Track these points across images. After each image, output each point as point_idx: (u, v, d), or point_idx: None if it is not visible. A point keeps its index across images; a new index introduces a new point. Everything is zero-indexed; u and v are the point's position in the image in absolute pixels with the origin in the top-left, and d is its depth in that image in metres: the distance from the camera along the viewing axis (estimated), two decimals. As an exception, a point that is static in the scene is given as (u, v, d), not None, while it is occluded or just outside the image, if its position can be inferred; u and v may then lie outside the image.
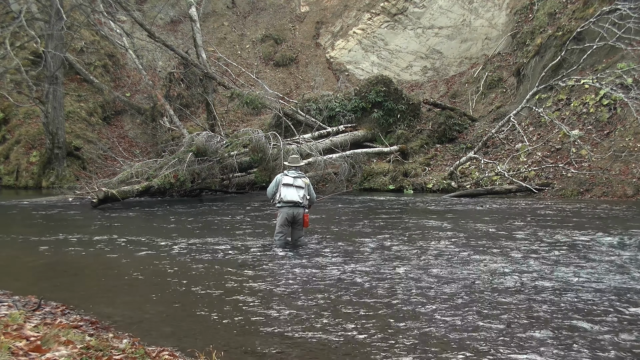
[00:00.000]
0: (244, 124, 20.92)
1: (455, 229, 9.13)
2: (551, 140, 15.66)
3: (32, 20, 17.58)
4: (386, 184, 16.54)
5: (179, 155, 14.19)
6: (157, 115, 19.96)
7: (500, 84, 20.67)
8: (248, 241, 8.28)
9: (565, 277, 5.93)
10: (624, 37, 15.23)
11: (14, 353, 3.09)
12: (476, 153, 16.30)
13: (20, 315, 4.12)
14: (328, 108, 18.50)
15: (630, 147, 13.89)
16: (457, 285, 5.65)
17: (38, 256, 7.52)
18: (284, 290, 5.60)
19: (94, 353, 3.33)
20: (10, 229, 9.76)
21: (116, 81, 22.57)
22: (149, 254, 7.46)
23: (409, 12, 23.78)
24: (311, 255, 7.24)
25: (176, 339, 4.19)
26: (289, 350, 4.00)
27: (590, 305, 4.93)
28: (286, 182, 7.87)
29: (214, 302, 5.21)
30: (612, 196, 13.07)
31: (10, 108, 19.62)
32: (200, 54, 18.93)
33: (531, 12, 21.40)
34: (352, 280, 5.90)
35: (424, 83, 23.06)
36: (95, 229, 9.96)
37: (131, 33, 19.27)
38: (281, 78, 24.43)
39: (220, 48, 24.62)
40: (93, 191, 13.04)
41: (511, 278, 5.88)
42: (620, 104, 14.70)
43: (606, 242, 7.81)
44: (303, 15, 27.05)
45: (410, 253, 7.25)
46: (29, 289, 5.52)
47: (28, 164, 18.89)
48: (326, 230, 9.26)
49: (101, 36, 21.72)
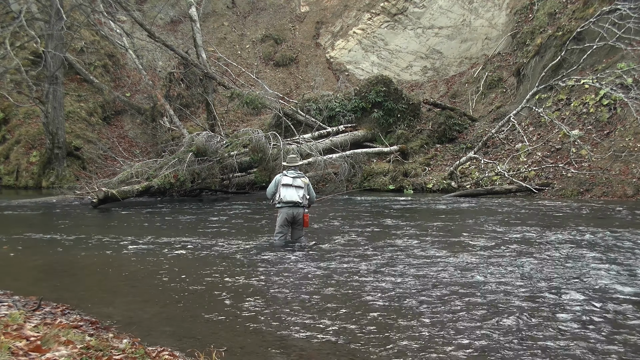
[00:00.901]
0: (244, 124, 20.92)
1: (455, 229, 9.13)
2: (551, 140, 15.66)
3: (32, 20, 17.58)
4: (386, 184, 16.53)
5: (179, 155, 14.20)
6: (157, 115, 19.96)
7: (500, 84, 20.66)
8: (248, 241, 8.29)
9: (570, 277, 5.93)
10: (624, 37, 15.23)
11: (14, 353, 3.09)
12: (476, 153, 16.29)
13: (20, 315, 4.12)
14: (328, 108, 18.49)
15: (630, 147, 13.88)
16: (457, 285, 5.65)
17: (38, 256, 7.52)
18: (284, 290, 5.60)
19: (94, 353, 3.33)
20: (10, 229, 9.76)
21: (116, 81, 22.58)
22: (149, 253, 7.46)
23: (409, 12, 23.78)
24: (311, 256, 7.24)
25: (176, 339, 4.19)
26: (289, 350, 4.00)
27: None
28: (285, 183, 7.87)
29: (214, 302, 5.21)
30: (612, 196, 13.07)
31: (10, 108, 19.63)
32: (200, 54, 18.93)
33: (531, 12, 21.40)
34: (353, 280, 5.90)
35: (424, 83, 23.05)
36: (95, 229, 9.97)
37: (131, 33, 19.28)
38: (281, 78, 24.43)
39: (220, 48, 24.62)
40: (93, 191, 13.05)
41: (515, 278, 5.89)
42: (620, 104, 14.70)
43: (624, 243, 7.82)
44: (303, 15, 27.05)
45: (411, 253, 7.25)
46: (29, 289, 5.52)
47: (28, 164, 18.90)
48: (326, 231, 9.26)
49: (101, 36, 21.73)
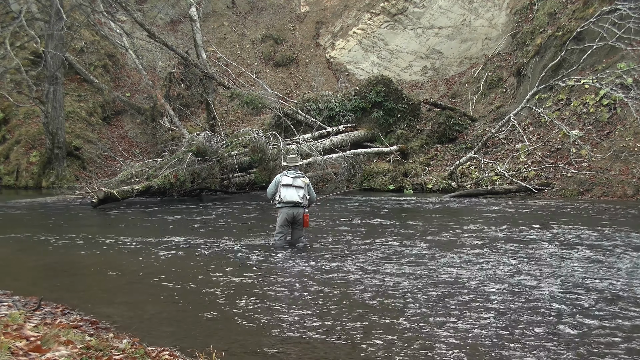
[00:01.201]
0: (244, 124, 20.91)
1: (454, 229, 9.13)
2: (551, 140, 15.66)
3: (32, 20, 17.58)
4: (386, 184, 16.53)
5: (179, 155, 14.20)
6: (157, 115, 19.96)
7: (500, 84, 20.65)
8: (248, 241, 8.29)
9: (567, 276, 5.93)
10: (624, 37, 15.23)
11: (14, 353, 3.09)
12: (476, 153, 16.29)
13: (20, 315, 4.12)
14: (328, 108, 18.49)
15: (630, 147, 13.88)
16: (451, 284, 5.65)
17: (38, 256, 7.52)
18: (284, 290, 5.60)
19: (94, 353, 3.33)
20: (10, 229, 9.75)
21: (116, 81, 22.57)
22: (149, 254, 7.46)
23: (409, 12, 23.78)
24: (311, 256, 7.24)
25: (176, 339, 4.19)
26: (289, 350, 4.00)
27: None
28: (286, 183, 7.86)
29: (214, 302, 5.21)
30: (612, 196, 13.07)
31: (10, 108, 19.63)
32: (200, 54, 18.93)
33: (531, 12, 21.39)
34: (352, 280, 5.89)
35: (424, 83, 23.05)
36: (95, 229, 9.97)
37: (131, 33, 19.28)
38: (281, 78, 24.42)
39: (220, 48, 24.61)
40: (93, 191, 13.05)
41: (519, 280, 5.89)
42: (620, 104, 14.70)
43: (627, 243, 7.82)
44: (303, 15, 27.04)
45: (411, 253, 7.25)
46: (29, 289, 5.52)
47: (28, 164, 18.89)
48: (326, 231, 9.26)
49: (101, 36, 21.72)
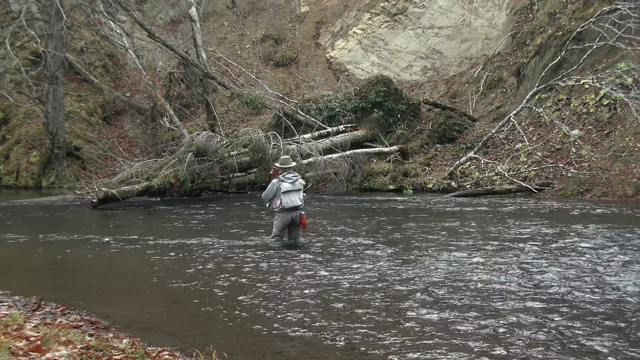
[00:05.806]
0: (244, 124, 20.91)
1: (453, 229, 9.12)
2: (551, 140, 15.65)
3: (32, 20, 17.60)
4: (386, 184, 16.52)
5: (179, 155, 14.20)
6: (157, 115, 19.96)
7: (500, 84, 20.64)
8: (247, 241, 8.29)
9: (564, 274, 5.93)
10: (624, 37, 15.21)
11: (14, 353, 3.09)
12: (476, 153, 16.28)
13: (20, 315, 4.13)
14: (328, 108, 18.48)
15: (630, 147, 13.88)
16: (459, 285, 5.65)
17: (38, 256, 7.53)
18: (284, 291, 5.60)
19: (94, 353, 3.33)
20: (10, 229, 9.76)
21: (116, 81, 22.57)
22: (149, 253, 7.46)
23: (409, 12, 23.77)
24: (310, 256, 7.24)
25: (176, 339, 4.19)
26: (289, 350, 4.00)
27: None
28: (286, 190, 7.77)
29: (214, 302, 5.21)
30: (612, 196, 13.07)
31: (10, 108, 19.63)
32: (200, 54, 18.93)
33: (531, 12, 21.39)
34: (352, 280, 5.89)
35: (424, 83, 23.04)
36: (95, 229, 9.97)
37: (131, 33, 19.29)
38: (281, 78, 24.42)
39: (220, 48, 24.61)
40: (93, 191, 13.06)
41: (519, 280, 5.88)
42: (620, 104, 14.69)
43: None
44: (303, 15, 27.04)
45: (411, 253, 7.25)
46: (29, 289, 5.53)
47: (28, 164, 18.89)
48: (325, 231, 9.25)
49: (101, 36, 21.73)
